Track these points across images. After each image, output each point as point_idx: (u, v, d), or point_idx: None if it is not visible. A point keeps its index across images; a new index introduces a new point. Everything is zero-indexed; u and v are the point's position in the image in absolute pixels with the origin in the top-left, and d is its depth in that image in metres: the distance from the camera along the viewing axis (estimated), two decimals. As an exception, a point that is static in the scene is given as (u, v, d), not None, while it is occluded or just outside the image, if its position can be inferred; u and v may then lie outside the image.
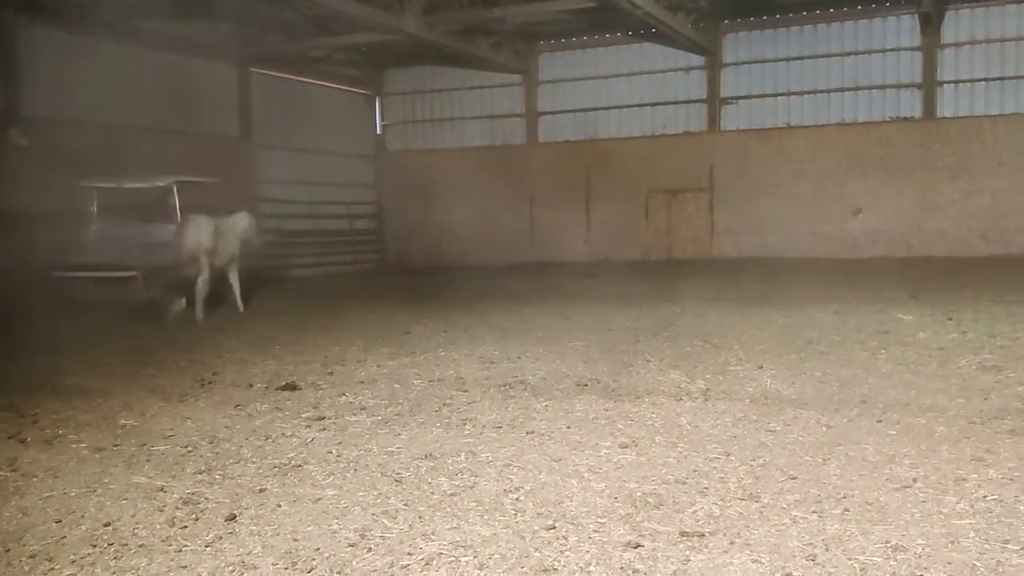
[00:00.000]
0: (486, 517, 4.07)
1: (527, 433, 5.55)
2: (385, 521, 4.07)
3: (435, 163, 24.78)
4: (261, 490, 4.60)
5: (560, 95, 24.09)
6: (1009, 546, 3.49)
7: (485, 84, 24.51)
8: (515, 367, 7.82)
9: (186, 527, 4.10)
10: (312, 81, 23.36)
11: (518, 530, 3.90)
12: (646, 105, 22.94)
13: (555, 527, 3.91)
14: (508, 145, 24.52)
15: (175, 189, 12.39)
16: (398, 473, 4.81)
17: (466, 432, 5.62)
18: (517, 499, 4.32)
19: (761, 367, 7.46)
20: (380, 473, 4.82)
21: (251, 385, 7.45)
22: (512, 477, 4.67)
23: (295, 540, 3.89)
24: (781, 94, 21.57)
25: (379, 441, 5.49)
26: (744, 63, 21.86)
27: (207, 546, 3.86)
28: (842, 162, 20.85)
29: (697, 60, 22.18)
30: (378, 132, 26.23)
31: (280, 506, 4.35)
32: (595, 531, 3.85)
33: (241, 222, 13.14)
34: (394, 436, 5.60)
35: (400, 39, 19.36)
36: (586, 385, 6.93)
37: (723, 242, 22.31)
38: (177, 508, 4.35)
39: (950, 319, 9.79)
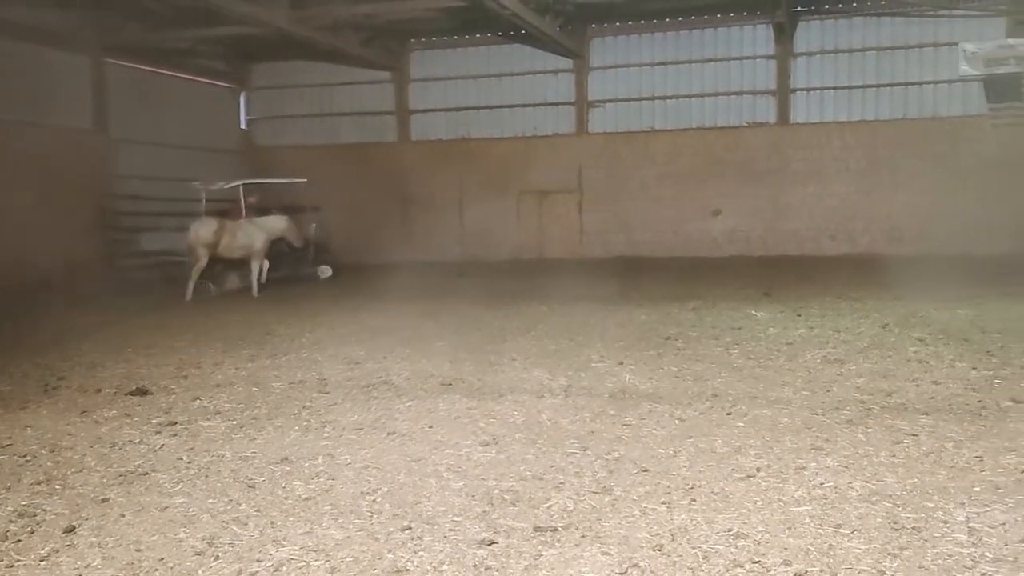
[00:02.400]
0: (341, 520, 4.01)
1: (388, 434, 5.51)
2: (235, 528, 3.96)
3: (304, 160, 24.15)
4: (104, 500, 4.39)
5: (432, 94, 24.00)
6: (840, 530, 3.69)
7: (356, 80, 24.16)
8: (380, 367, 7.74)
9: (20, 540, 3.88)
10: (173, 73, 22.44)
11: (373, 532, 3.86)
12: (516, 106, 23.14)
13: (411, 528, 3.89)
14: (380, 143, 24.24)
15: (241, 190, 16.32)
16: (251, 478, 4.68)
17: (325, 435, 5.52)
18: (374, 501, 4.27)
19: (622, 363, 7.64)
20: (232, 479, 4.68)
21: (99, 390, 7.09)
22: (370, 479, 4.62)
23: (138, 551, 3.73)
24: (646, 98, 22.18)
25: (233, 446, 5.33)
26: (610, 67, 22.36)
27: (42, 560, 3.67)
28: (703, 165, 21.60)
29: (566, 63, 22.54)
30: (243, 127, 25.46)
31: (124, 516, 4.16)
32: (451, 530, 3.86)
33: (275, 223, 15.71)
34: (249, 440, 5.44)
35: (268, 32, 18.86)
36: (451, 384, 6.92)
37: (592, 242, 22.75)
38: (11, 521, 4.10)
39: (799, 315, 10.29)
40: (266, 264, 15.30)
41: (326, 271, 17.96)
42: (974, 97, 19.91)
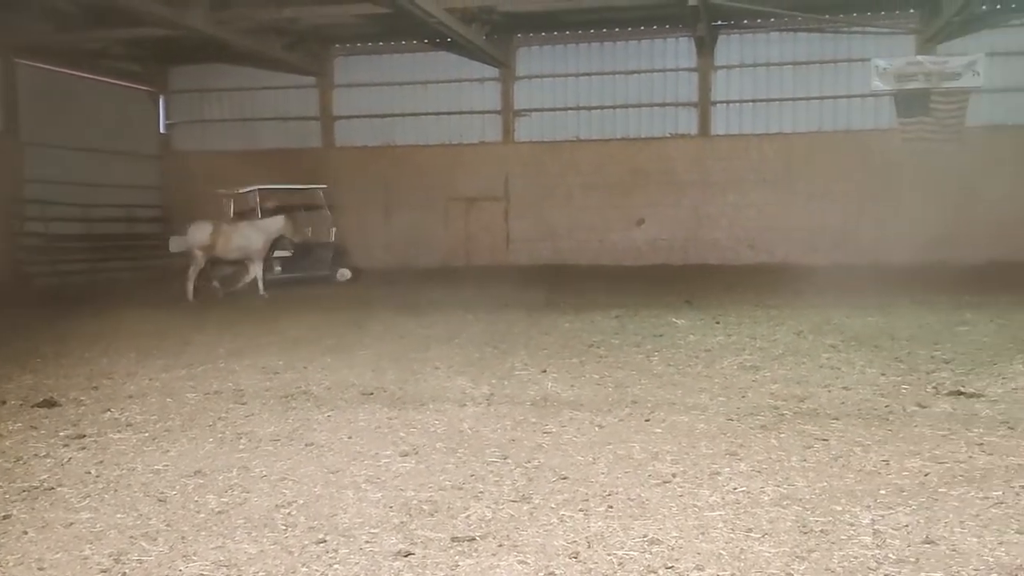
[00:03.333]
0: (254, 534, 3.92)
1: (306, 445, 5.42)
2: (144, 544, 3.84)
3: (226, 165, 23.68)
4: (5, 516, 4.22)
5: (357, 100, 23.82)
6: (752, 534, 3.76)
7: (279, 85, 23.83)
8: (299, 377, 7.62)
9: (-89, 563, 3.69)
10: (89, 76, 21.78)
11: (287, 545, 3.79)
12: (443, 114, 23.13)
13: (326, 540, 3.83)
14: (303, 148, 23.93)
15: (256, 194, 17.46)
16: (162, 492, 4.55)
17: (241, 447, 5.40)
18: (289, 514, 4.20)
19: (545, 371, 7.67)
20: (143, 493, 4.55)
21: (3, 402, 6.82)
22: (286, 491, 4.53)
23: (40, 569, 3.60)
24: (571, 108, 22.41)
25: (144, 459, 5.17)
26: (536, 77, 22.54)
27: (-67, 584, 3.50)
28: (627, 175, 21.92)
29: (492, 72, 22.63)
30: (162, 131, 24.84)
31: (27, 533, 4.01)
32: (367, 542, 3.81)
33: (272, 223, 16.09)
34: (161, 453, 5.29)
35: (186, 35, 18.46)
36: (372, 394, 6.85)
37: (518, 249, 22.85)
38: (-98, 543, 3.90)
39: (718, 323, 10.49)
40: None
41: (345, 274, 18.46)
42: (885, 111, 20.66)
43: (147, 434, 5.76)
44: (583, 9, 20.06)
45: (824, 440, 5.23)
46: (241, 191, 17.69)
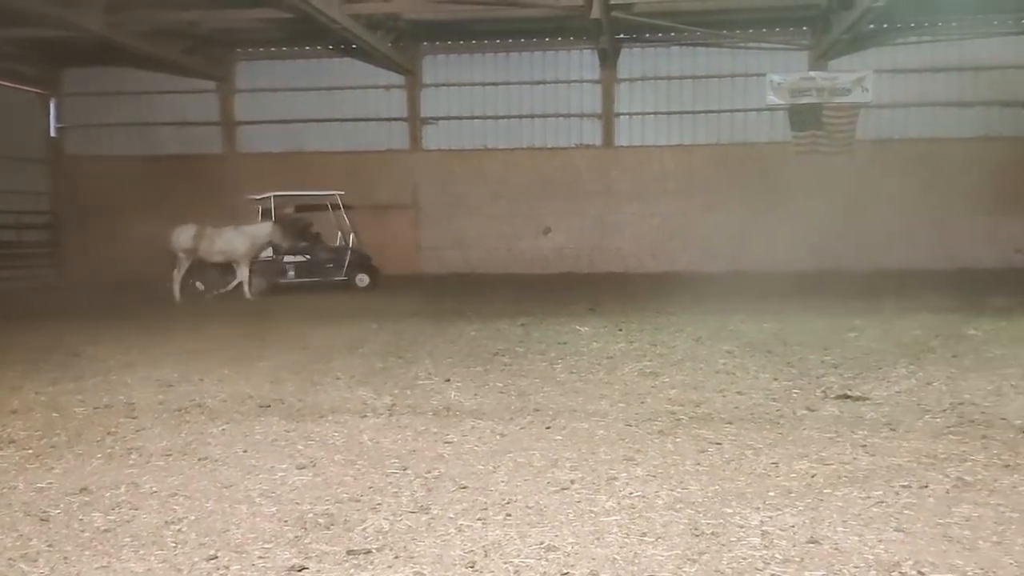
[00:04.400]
0: (142, 552, 3.79)
1: (199, 460, 5.26)
2: (23, 566, 3.66)
3: (122, 170, 22.94)
4: None
5: (261, 105, 23.41)
6: (646, 538, 3.82)
7: (178, 89, 23.20)
8: (194, 390, 7.41)
9: None
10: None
11: (175, 563, 3.67)
12: (349, 120, 22.91)
13: (217, 557, 3.73)
14: (204, 155, 23.35)
15: (272, 200, 18.16)
16: (45, 511, 4.35)
17: (130, 462, 5.22)
18: (179, 530, 4.07)
19: (448, 380, 7.65)
20: (23, 512, 4.34)
21: None
22: (176, 507, 4.39)
23: (-94, 599, 3.39)
24: (478, 117, 22.52)
25: (27, 477, 4.94)
26: (443, 85, 22.56)
27: None
28: (533, 184, 22.13)
29: (398, 79, 22.56)
30: (53, 135, 23.85)
31: None
32: (260, 557, 3.72)
33: (259, 229, 16.76)
34: (46, 470, 5.07)
35: (80, 37, 17.79)
36: (269, 406, 6.71)
37: (428, 258, 22.80)
38: None
39: (620, 330, 10.66)
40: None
41: (364, 280, 18.59)
42: (780, 125, 21.41)
43: (31, 451, 5.51)
44: (488, 19, 20.20)
45: (718, 444, 5.37)
46: (256, 197, 18.31)
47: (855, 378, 7.42)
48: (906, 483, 4.52)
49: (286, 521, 4.15)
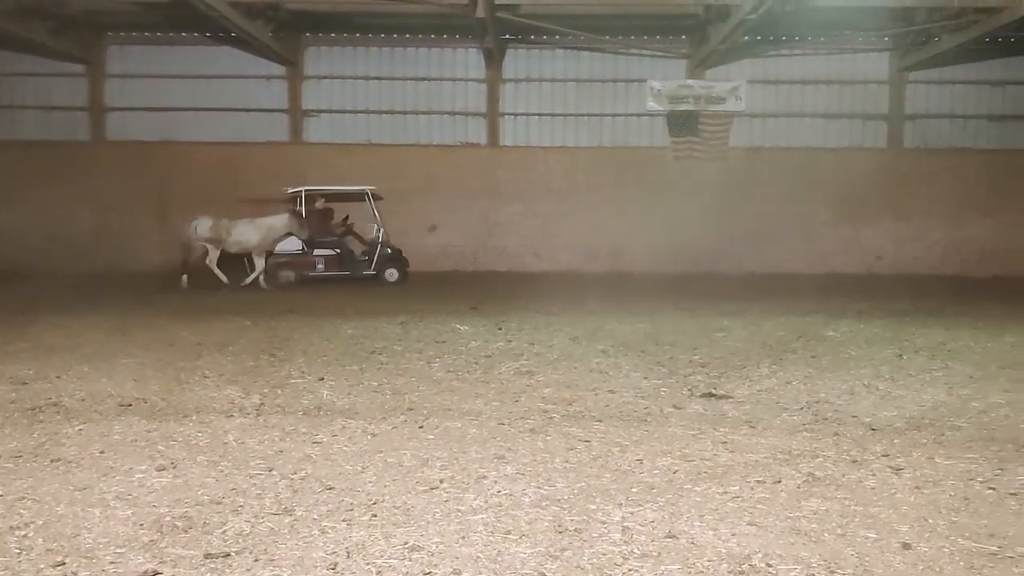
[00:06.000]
0: (-21, 561, 3.58)
1: (51, 461, 5.01)
2: None
3: (-23, 156, 21.57)
4: None
5: (133, 92, 22.35)
6: (510, 536, 3.86)
7: (42, 72, 21.95)
8: (50, 388, 7.04)
9: None
10: None
11: (19, 571, 3.49)
12: (227, 110, 22.20)
13: (65, 563, 3.56)
14: (70, 141, 22.16)
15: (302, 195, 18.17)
16: None
17: (-27, 465, 4.92)
18: (25, 536, 3.87)
19: (322, 379, 7.53)
20: None
21: None
22: (24, 512, 4.17)
23: None
24: (362, 111, 22.21)
25: None
26: (326, 77, 22.15)
27: None
28: (420, 181, 21.94)
29: (279, 70, 22.00)
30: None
31: None
32: (111, 563, 3.58)
33: (275, 221, 16.93)
34: None
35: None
36: (130, 405, 6.45)
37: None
38: None
39: (500, 329, 10.72)
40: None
41: (393, 274, 18.46)
42: (659, 130, 21.99)
43: None
44: (372, 13, 19.96)
45: (587, 441, 5.47)
46: (289, 191, 18.30)
47: (720, 377, 7.69)
48: (761, 478, 4.72)
49: (142, 525, 4.01)
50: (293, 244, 17.66)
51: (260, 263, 16.89)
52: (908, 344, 9.60)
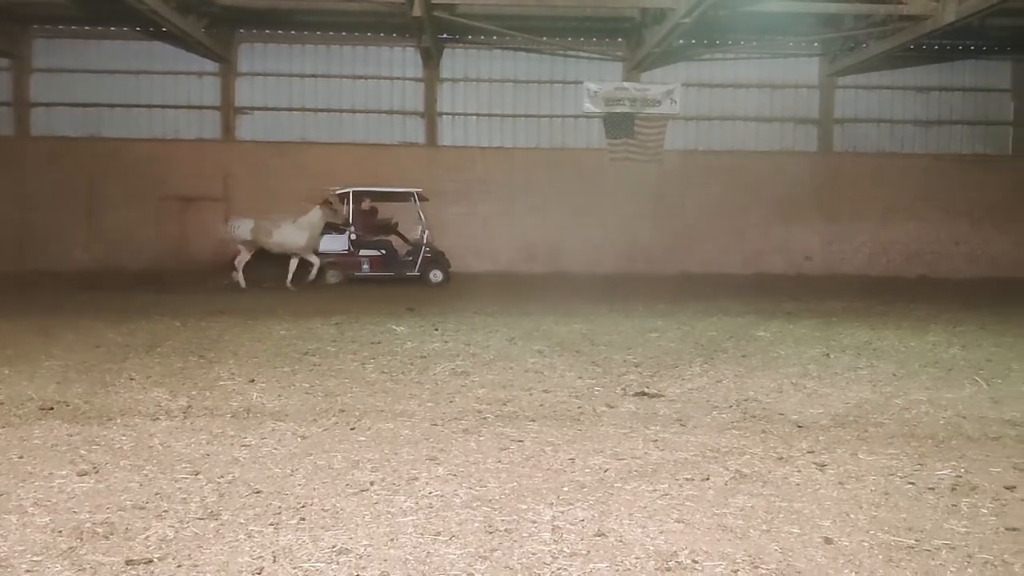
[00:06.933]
0: None
1: (-36, 468, 4.83)
2: None
3: None
4: None
5: (59, 86, 21.78)
6: (440, 537, 3.84)
7: (-39, 65, 21.24)
8: (-33, 392, 6.79)
9: None
10: None
11: (-74, 584, 3.35)
12: (157, 107, 21.74)
13: (-25, 574, 3.43)
14: (-8, 136, 21.50)
15: (350, 195, 18.32)
16: None
17: None
18: (-65, 546, 3.71)
19: (252, 380, 7.40)
20: None
21: None
22: (-67, 522, 4.01)
23: None
24: (296, 109, 21.95)
25: None
26: (259, 75, 21.84)
27: None
28: (355, 179, 21.73)
29: (212, 66, 21.63)
30: None
31: None
32: (27, 571, 3.46)
33: (314, 217, 17.06)
34: None
35: None
36: (52, 409, 6.25)
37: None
38: None
39: (436, 329, 10.68)
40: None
41: (437, 276, 18.61)
42: (596, 132, 22.18)
43: None
44: (307, 10, 19.77)
45: (520, 441, 5.48)
46: (336, 191, 18.47)
47: (653, 376, 7.78)
48: (690, 476, 4.78)
49: (60, 531, 3.88)
50: (340, 243, 18.08)
51: (313, 259, 17.15)
52: (835, 343, 9.84)
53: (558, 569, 3.54)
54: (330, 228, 17.72)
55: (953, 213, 22.57)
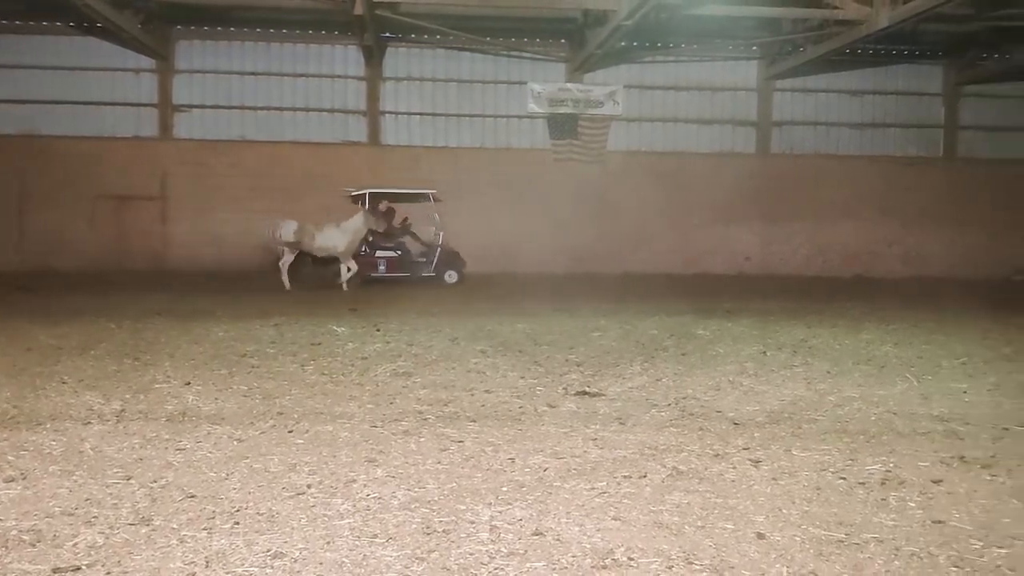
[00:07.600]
0: None
1: None
2: None
3: None
4: None
5: (-11, 83, 21.14)
6: (377, 539, 3.82)
7: None
8: None
9: None
10: None
11: None
12: (92, 104, 21.21)
13: None
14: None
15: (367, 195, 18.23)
16: None
17: None
18: None
19: (188, 383, 7.27)
20: None
21: None
22: None
23: None
24: (236, 107, 21.61)
25: None
26: (198, 72, 21.47)
27: None
28: (298, 179, 21.55)
29: (148, 63, 21.19)
30: None
31: None
32: (-53, 584, 3.35)
33: (356, 222, 17.28)
34: None
35: None
36: (-23, 414, 6.07)
37: (179, 254, 21.56)
38: None
39: (378, 330, 10.61)
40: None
41: (452, 276, 18.75)
42: (540, 132, 22.26)
43: None
44: (247, 7, 19.48)
45: (460, 442, 5.47)
46: (353, 193, 18.59)
47: (594, 375, 7.84)
48: (628, 474, 4.83)
49: (-17, 541, 3.77)
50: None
51: (351, 263, 17.31)
52: (772, 341, 10.03)
53: (495, 569, 3.55)
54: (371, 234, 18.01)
55: (887, 214, 23.16)
